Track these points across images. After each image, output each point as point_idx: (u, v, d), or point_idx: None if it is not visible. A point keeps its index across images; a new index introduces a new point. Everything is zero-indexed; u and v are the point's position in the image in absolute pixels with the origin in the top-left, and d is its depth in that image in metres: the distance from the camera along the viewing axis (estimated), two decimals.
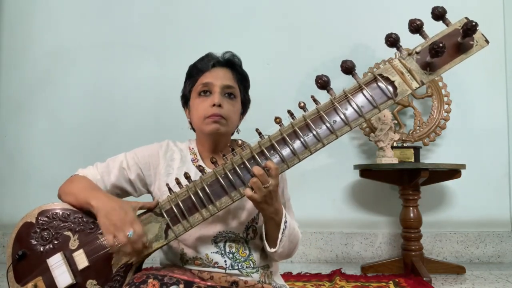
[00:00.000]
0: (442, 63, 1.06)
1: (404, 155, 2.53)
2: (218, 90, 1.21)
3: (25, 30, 3.06)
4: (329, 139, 1.06)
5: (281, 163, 1.06)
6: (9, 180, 2.95)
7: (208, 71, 1.24)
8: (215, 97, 1.20)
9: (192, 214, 1.07)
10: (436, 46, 0.99)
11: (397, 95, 1.06)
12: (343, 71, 1.09)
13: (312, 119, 1.07)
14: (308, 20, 2.92)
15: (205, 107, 1.21)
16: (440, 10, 1.05)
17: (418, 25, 1.05)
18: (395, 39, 1.06)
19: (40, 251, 1.09)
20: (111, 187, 1.22)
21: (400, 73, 1.07)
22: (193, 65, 1.29)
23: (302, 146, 1.06)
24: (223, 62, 1.27)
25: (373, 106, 1.06)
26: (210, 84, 1.22)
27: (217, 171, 1.08)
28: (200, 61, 1.27)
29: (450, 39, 1.06)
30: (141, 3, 3.02)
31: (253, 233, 1.21)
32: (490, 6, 2.85)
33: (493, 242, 2.73)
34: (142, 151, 1.26)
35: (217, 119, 1.19)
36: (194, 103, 1.25)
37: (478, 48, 1.06)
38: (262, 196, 1.03)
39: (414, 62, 1.07)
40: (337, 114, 1.07)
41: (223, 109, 1.20)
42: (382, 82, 1.07)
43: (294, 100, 2.82)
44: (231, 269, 1.18)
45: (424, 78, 1.06)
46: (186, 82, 1.30)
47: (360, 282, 2.16)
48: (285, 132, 1.07)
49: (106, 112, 2.94)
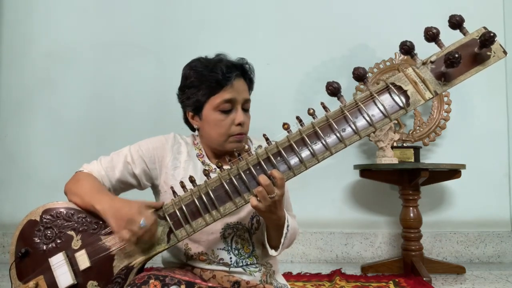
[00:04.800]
0: (457, 73, 1.03)
1: (404, 155, 2.53)
2: (240, 107, 1.20)
3: (25, 30, 3.06)
4: (337, 147, 1.04)
5: (287, 170, 1.05)
6: (9, 180, 2.95)
7: (231, 85, 1.17)
8: (239, 116, 1.18)
9: (196, 219, 1.06)
10: (452, 57, 0.96)
11: (409, 105, 1.03)
12: (355, 78, 1.07)
13: (321, 127, 1.05)
14: (308, 20, 2.92)
15: (229, 124, 1.19)
16: (457, 18, 1.01)
17: (434, 33, 1.01)
18: (409, 47, 1.02)
19: (43, 249, 1.09)
20: (116, 182, 1.22)
21: (413, 82, 1.04)
22: (204, 73, 1.19)
23: (309, 154, 1.04)
24: (241, 72, 1.21)
25: (384, 115, 1.03)
26: (233, 100, 1.18)
27: (222, 176, 1.07)
28: (216, 70, 1.17)
29: (467, 49, 1.03)
30: (141, 3, 3.01)
31: (257, 224, 1.21)
32: (490, 6, 2.85)
33: (493, 242, 2.73)
34: (146, 144, 1.25)
35: (241, 138, 1.20)
36: (213, 117, 1.19)
37: (495, 60, 1.03)
38: (267, 206, 1.03)
39: (429, 71, 1.04)
40: (346, 122, 1.04)
41: (244, 126, 1.20)
42: (394, 91, 1.04)
43: (294, 100, 2.88)
44: (236, 266, 1.18)
45: (438, 88, 1.03)
46: (194, 89, 1.20)
47: (360, 282, 2.16)
48: (293, 139, 1.05)
49: (106, 112, 2.94)
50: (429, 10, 2.80)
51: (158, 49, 2.96)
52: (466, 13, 1.13)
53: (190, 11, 2.98)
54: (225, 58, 1.23)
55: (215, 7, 2.98)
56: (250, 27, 2.93)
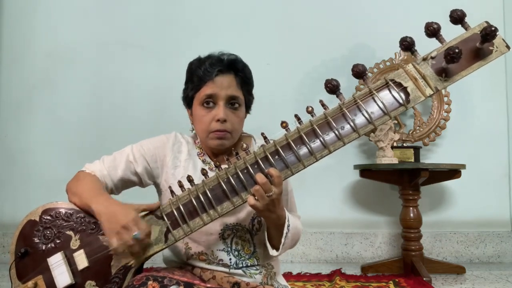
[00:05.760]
0: (458, 69, 1.00)
1: (404, 155, 2.53)
2: (223, 103, 1.17)
3: (25, 30, 3.06)
4: (336, 146, 1.03)
5: (285, 169, 1.03)
6: (9, 180, 2.95)
7: (211, 80, 1.17)
8: (220, 112, 1.16)
9: (193, 219, 1.06)
10: (452, 51, 0.95)
11: (410, 101, 1.01)
12: (354, 75, 1.05)
13: (319, 125, 1.04)
14: (308, 20, 2.92)
15: (209, 120, 1.17)
16: (459, 13, 0.99)
17: (435, 28, 1.00)
18: (409, 43, 1.01)
19: (42, 249, 1.09)
20: (118, 181, 1.22)
21: (413, 78, 1.02)
22: (194, 69, 1.22)
23: (307, 152, 1.03)
24: (226, 68, 1.19)
25: (383, 113, 1.02)
26: (214, 95, 1.17)
27: (219, 175, 1.06)
28: (202, 66, 1.19)
29: (468, 44, 1.01)
30: (141, 3, 3.01)
31: (259, 225, 1.20)
32: (490, 6, 2.85)
33: (493, 242, 2.73)
34: (148, 143, 1.25)
35: (221, 135, 1.17)
36: (197, 112, 1.21)
37: (497, 54, 1.00)
38: (265, 204, 1.02)
39: (429, 67, 1.02)
40: (345, 120, 1.03)
41: (227, 123, 1.17)
42: (394, 88, 1.02)
43: (293, 100, 2.88)
44: (236, 267, 1.18)
45: (439, 84, 1.01)
46: (187, 84, 1.25)
47: (360, 282, 2.16)
48: (291, 137, 1.04)
49: (106, 112, 2.94)
50: (429, 10, 2.79)
51: (158, 49, 2.96)
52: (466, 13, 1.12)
53: (190, 11, 2.98)
54: (216, 55, 1.22)
55: (215, 7, 2.98)
56: (250, 27, 2.93)
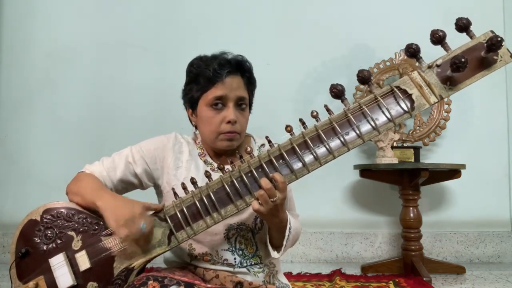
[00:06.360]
0: (463, 78, 1.01)
1: (404, 155, 2.53)
2: (232, 104, 1.18)
3: (25, 30, 3.06)
4: (340, 151, 1.03)
5: (289, 174, 1.03)
6: (9, 180, 2.95)
7: (221, 81, 1.17)
8: (230, 113, 1.16)
9: (197, 221, 1.06)
10: (458, 61, 0.95)
11: (414, 109, 1.02)
12: (359, 81, 1.05)
13: (324, 130, 1.04)
14: (308, 20, 2.92)
15: (218, 122, 1.17)
16: (464, 21, 1.00)
17: (440, 36, 1.00)
18: (415, 50, 1.01)
19: (43, 249, 1.08)
20: (118, 183, 1.22)
21: (418, 86, 1.03)
22: (199, 69, 1.20)
23: (312, 157, 1.03)
24: (235, 69, 1.19)
25: (388, 119, 1.02)
26: (224, 97, 1.17)
27: (223, 178, 1.06)
28: (209, 67, 1.18)
29: (473, 53, 1.01)
30: (141, 3, 3.01)
31: (261, 224, 1.21)
32: (490, 6, 2.85)
33: (493, 242, 2.73)
34: (147, 144, 1.25)
35: (232, 136, 1.18)
36: (205, 114, 1.20)
37: (502, 64, 1.01)
38: (269, 209, 1.02)
39: (434, 75, 1.02)
40: (350, 126, 1.03)
41: (237, 124, 1.18)
42: (399, 95, 1.03)
43: (293, 100, 2.88)
44: (240, 266, 1.18)
45: (444, 93, 1.02)
46: (192, 85, 1.23)
47: (360, 282, 2.16)
48: (296, 142, 1.04)
49: (106, 112, 2.94)
50: (429, 10, 2.80)
51: (158, 49, 2.96)
52: (466, 13, 1.12)
53: (190, 11, 2.98)
54: (222, 55, 1.22)
55: (215, 7, 2.97)
56: (250, 27, 2.93)
